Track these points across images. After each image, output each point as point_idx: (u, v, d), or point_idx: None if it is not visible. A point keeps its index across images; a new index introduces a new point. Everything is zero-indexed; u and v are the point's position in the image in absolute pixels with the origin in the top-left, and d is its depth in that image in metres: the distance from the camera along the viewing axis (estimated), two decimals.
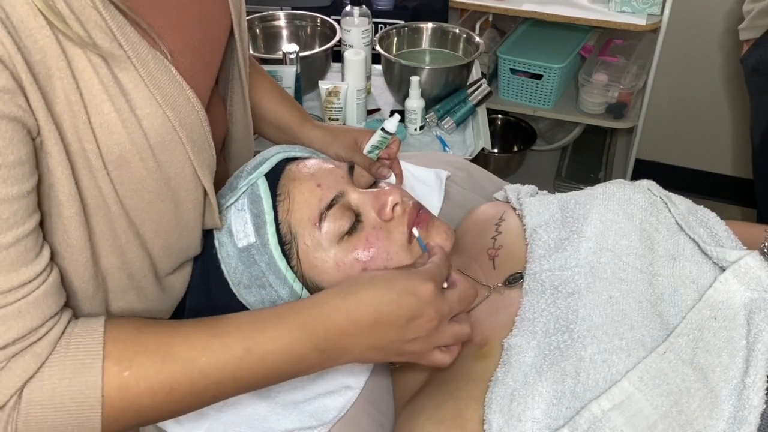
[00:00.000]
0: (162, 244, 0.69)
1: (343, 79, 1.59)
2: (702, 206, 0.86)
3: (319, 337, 0.64)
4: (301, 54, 1.60)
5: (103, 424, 0.58)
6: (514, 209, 0.94)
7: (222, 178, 0.84)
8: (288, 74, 1.56)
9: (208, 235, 0.81)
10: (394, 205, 0.77)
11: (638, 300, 0.73)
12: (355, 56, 1.55)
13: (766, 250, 0.82)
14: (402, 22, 1.87)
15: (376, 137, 0.92)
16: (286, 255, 0.76)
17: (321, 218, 0.76)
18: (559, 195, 0.92)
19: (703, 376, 0.67)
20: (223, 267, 0.78)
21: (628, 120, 2.18)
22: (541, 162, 2.64)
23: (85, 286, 0.64)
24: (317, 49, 1.73)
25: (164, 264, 0.72)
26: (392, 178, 0.97)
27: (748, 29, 1.61)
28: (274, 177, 0.79)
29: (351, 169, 0.82)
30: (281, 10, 1.87)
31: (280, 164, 0.81)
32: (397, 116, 0.93)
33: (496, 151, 2.55)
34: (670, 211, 0.85)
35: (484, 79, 1.66)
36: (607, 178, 2.36)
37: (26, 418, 0.56)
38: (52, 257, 0.59)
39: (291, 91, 1.57)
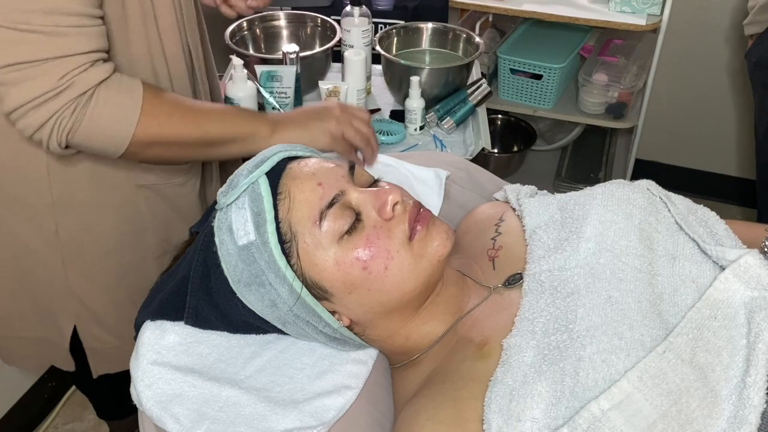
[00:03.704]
0: None
1: (343, 79, 1.59)
2: (701, 205, 0.86)
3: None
4: (301, 54, 1.60)
5: (134, 133, 0.90)
6: (514, 210, 0.94)
7: None
8: (288, 74, 1.56)
9: (208, 234, 0.82)
10: (395, 204, 0.77)
11: (637, 300, 0.73)
12: (355, 56, 1.54)
13: (766, 249, 0.82)
14: (402, 22, 1.86)
15: None
16: (286, 253, 0.76)
17: (321, 217, 0.76)
18: (558, 195, 0.92)
19: (702, 376, 0.67)
20: (223, 265, 0.79)
21: (628, 120, 2.18)
22: (541, 162, 2.64)
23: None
24: (317, 49, 1.72)
25: None
26: (391, 177, 0.97)
27: (752, 24, 1.61)
28: (275, 175, 0.79)
29: (351, 168, 0.82)
30: (281, 10, 1.86)
31: (281, 163, 0.81)
32: None
33: (496, 151, 2.55)
34: (669, 210, 0.85)
35: (484, 79, 1.66)
36: (607, 178, 2.35)
37: (92, 110, 0.87)
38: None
39: (291, 92, 1.57)
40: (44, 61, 0.82)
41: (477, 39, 1.71)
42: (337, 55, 1.71)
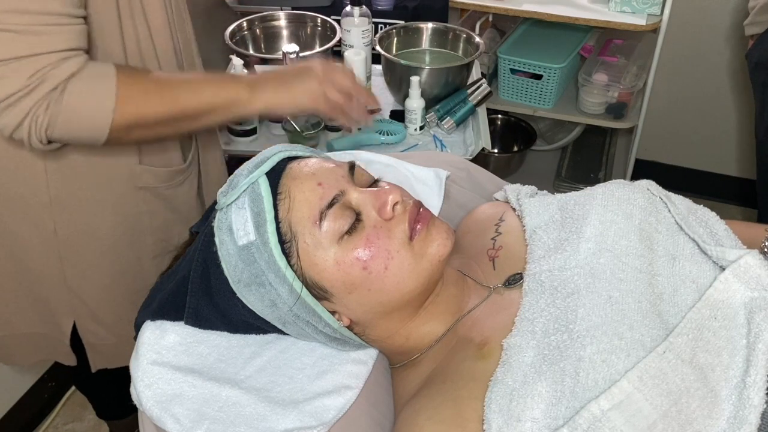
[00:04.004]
0: None
1: None
2: (701, 206, 0.86)
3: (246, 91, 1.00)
4: (301, 54, 1.60)
5: (113, 119, 0.88)
6: (514, 210, 0.94)
7: None
8: None
9: (208, 234, 0.82)
10: (395, 204, 0.77)
11: (638, 300, 0.73)
12: (355, 56, 1.54)
13: (766, 249, 0.82)
14: (402, 22, 1.87)
15: None
16: (286, 253, 0.76)
17: (321, 217, 0.76)
18: (558, 195, 0.92)
19: (702, 376, 0.67)
20: (223, 265, 0.79)
21: (628, 120, 2.18)
22: (541, 162, 2.64)
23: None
24: (317, 49, 1.73)
25: None
26: (391, 177, 0.97)
27: (753, 24, 1.61)
28: (275, 175, 0.79)
29: (351, 168, 0.82)
30: (281, 10, 1.87)
31: (281, 163, 0.81)
32: None
33: (496, 151, 2.55)
34: (669, 210, 0.85)
35: (484, 79, 1.66)
36: (607, 178, 2.35)
37: (66, 103, 0.85)
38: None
39: None
40: (16, 59, 0.82)
41: (477, 39, 1.72)
42: (337, 55, 1.71)
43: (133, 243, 1.14)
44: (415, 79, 1.56)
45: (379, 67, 1.74)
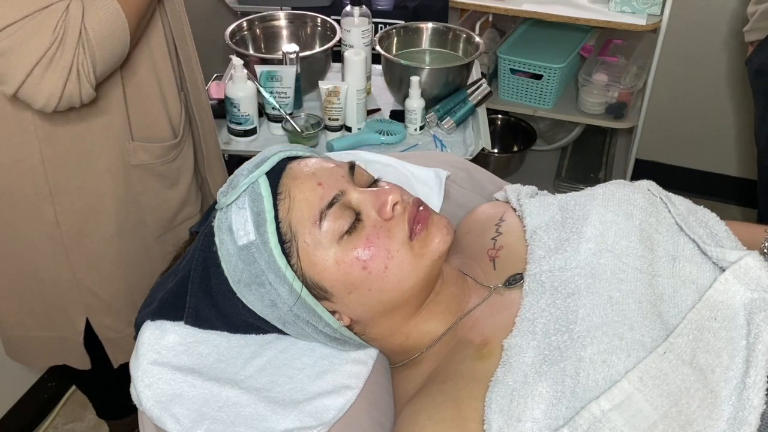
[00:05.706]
0: None
1: (343, 79, 1.59)
2: (702, 206, 0.86)
3: None
4: (301, 54, 1.60)
5: (127, 22, 0.90)
6: (514, 210, 0.94)
7: None
8: (288, 74, 1.56)
9: (208, 234, 0.82)
10: (395, 204, 0.78)
11: (638, 300, 0.73)
12: (355, 56, 1.54)
13: (766, 250, 0.82)
14: (402, 22, 1.87)
15: None
16: (286, 253, 0.76)
17: (321, 217, 0.76)
18: (559, 196, 0.92)
19: (702, 377, 0.67)
20: (223, 265, 0.79)
21: (628, 120, 2.18)
22: (541, 162, 2.64)
23: None
24: (317, 49, 1.73)
25: None
26: (391, 177, 0.97)
27: (753, 31, 1.61)
28: (275, 175, 0.79)
29: (351, 168, 0.82)
30: (281, 10, 1.87)
31: (281, 163, 0.81)
32: None
33: (496, 151, 2.55)
34: (669, 211, 0.85)
35: (484, 79, 1.66)
36: (607, 178, 2.36)
37: (92, 37, 0.86)
38: None
39: (291, 92, 1.57)
40: (31, 15, 0.81)
41: (477, 39, 1.72)
42: (337, 55, 1.71)
43: (135, 226, 1.14)
44: (415, 79, 1.56)
45: (379, 67, 1.74)
